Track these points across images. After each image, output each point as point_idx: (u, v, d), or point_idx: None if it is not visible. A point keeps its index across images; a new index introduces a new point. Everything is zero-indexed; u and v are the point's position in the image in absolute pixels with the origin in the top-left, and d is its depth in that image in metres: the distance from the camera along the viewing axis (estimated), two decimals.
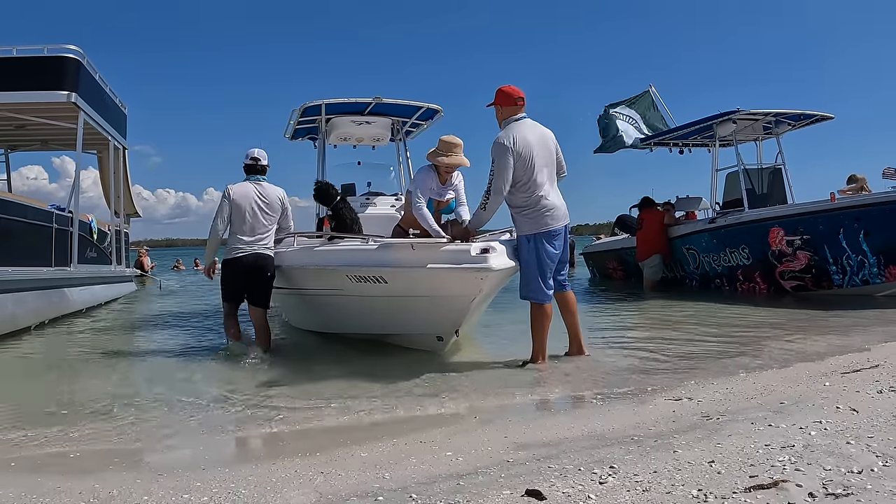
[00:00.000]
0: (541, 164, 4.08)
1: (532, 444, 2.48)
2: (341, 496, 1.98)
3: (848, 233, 7.02)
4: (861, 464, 1.89)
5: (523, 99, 4.20)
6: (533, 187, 4.05)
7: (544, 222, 4.07)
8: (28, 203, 7.24)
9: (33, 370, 4.84)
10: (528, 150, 4.02)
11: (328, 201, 5.64)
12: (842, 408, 2.59)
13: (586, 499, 1.76)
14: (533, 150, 4.04)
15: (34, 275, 6.84)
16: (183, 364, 4.83)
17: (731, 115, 8.57)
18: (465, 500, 1.82)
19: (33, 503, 2.04)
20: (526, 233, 4.12)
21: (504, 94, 4.20)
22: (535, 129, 4.17)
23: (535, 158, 4.04)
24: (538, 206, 4.06)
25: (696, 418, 2.70)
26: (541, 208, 4.06)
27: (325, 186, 5.71)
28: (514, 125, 4.12)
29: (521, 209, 4.11)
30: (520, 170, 4.02)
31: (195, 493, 2.08)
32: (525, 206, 4.09)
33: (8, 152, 11.35)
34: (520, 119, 4.16)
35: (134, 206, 12.83)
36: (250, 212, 4.88)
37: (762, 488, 1.74)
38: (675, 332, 5.53)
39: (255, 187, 4.96)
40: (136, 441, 3.02)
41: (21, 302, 6.37)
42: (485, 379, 3.93)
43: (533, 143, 4.06)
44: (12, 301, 6.17)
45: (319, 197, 5.73)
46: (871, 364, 3.59)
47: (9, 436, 2.99)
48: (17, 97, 7.87)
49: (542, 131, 4.21)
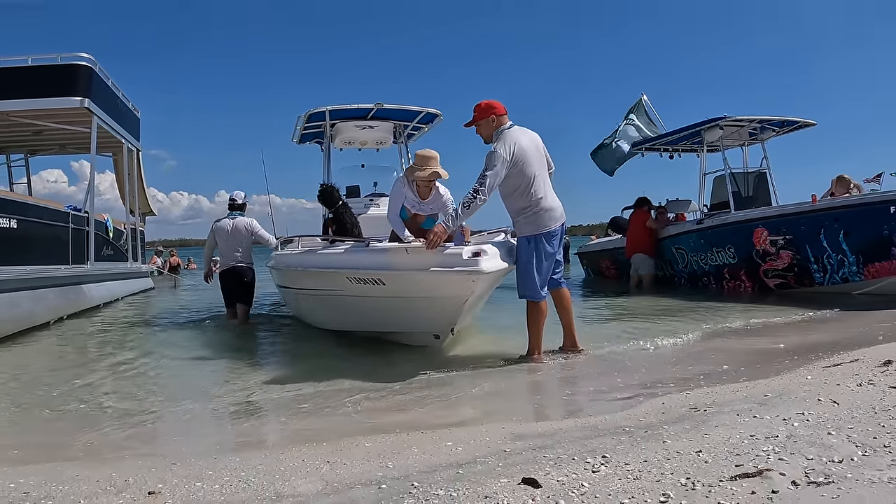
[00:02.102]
0: (536, 167, 4.09)
1: (528, 435, 2.48)
2: (346, 484, 1.99)
3: (828, 233, 7.03)
4: (841, 453, 1.89)
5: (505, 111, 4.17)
6: (532, 190, 4.06)
7: (544, 223, 4.09)
8: (45, 204, 7.24)
9: (52, 364, 4.84)
10: (524, 156, 4.02)
11: (330, 204, 5.76)
12: (823, 400, 2.60)
13: (580, 487, 1.77)
14: (528, 154, 4.04)
15: (51, 272, 6.85)
16: (194, 357, 4.85)
17: (719, 121, 8.58)
18: (465, 487, 1.83)
19: (53, 490, 2.05)
20: (526, 234, 4.13)
21: (489, 108, 4.14)
22: (525, 133, 4.17)
23: (531, 163, 4.05)
24: (538, 207, 4.07)
25: (685, 410, 2.71)
26: (540, 210, 4.08)
27: (328, 189, 5.86)
28: (507, 133, 4.08)
29: (522, 212, 4.11)
30: (517, 176, 4.02)
31: (207, 481, 2.08)
32: (526, 208, 4.09)
33: (28, 157, 11.36)
34: (509, 127, 4.14)
35: (149, 205, 12.85)
36: (226, 239, 6.46)
37: (747, 477, 1.74)
38: (664, 328, 5.54)
39: (230, 221, 6.50)
40: (151, 431, 3.03)
41: (39, 298, 6.37)
42: (483, 373, 3.94)
43: (527, 148, 4.06)
44: (30, 298, 6.17)
45: (323, 199, 5.88)
46: (852, 359, 3.60)
47: (28, 427, 3.00)
48: (33, 104, 7.89)
49: (531, 135, 4.21)
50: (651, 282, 9.49)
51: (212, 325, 6.75)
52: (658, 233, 9.59)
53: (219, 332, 6.31)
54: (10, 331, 5.68)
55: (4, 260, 5.84)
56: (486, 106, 4.16)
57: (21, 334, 5.92)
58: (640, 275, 9.59)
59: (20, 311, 5.92)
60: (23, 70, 7.88)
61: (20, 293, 5.95)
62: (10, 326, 5.71)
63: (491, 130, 4.14)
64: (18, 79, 7.79)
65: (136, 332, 6.62)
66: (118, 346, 5.56)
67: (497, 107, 4.16)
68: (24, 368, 4.60)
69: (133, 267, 10.88)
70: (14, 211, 6.11)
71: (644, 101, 11.65)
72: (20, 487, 2.07)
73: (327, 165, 7.67)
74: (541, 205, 4.07)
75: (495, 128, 4.14)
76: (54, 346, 5.53)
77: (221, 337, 6.08)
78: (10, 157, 11.12)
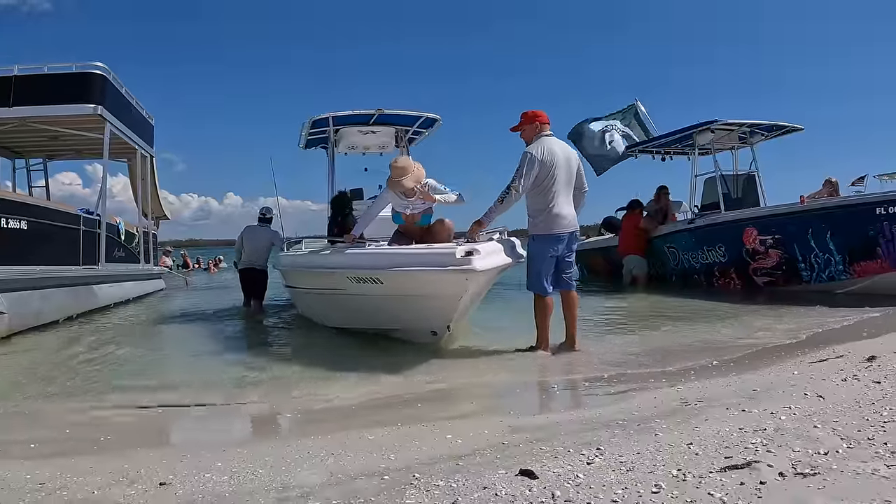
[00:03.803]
0: (560, 176, 4.24)
1: (526, 428, 2.48)
2: (350, 475, 1.99)
3: (816, 233, 7.03)
4: (827, 446, 1.89)
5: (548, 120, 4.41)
6: (548, 194, 4.22)
7: (552, 227, 4.25)
8: (56, 207, 7.25)
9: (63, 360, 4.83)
10: (552, 161, 4.21)
11: (339, 211, 6.07)
12: (809, 394, 2.60)
13: (575, 478, 1.77)
14: (556, 162, 4.23)
15: (61, 272, 6.84)
16: (201, 352, 4.85)
17: (710, 125, 8.58)
18: (464, 478, 1.83)
19: (68, 481, 2.05)
20: (535, 233, 4.32)
21: (533, 116, 4.42)
22: (561, 146, 4.39)
23: (556, 170, 4.22)
24: (550, 212, 4.23)
25: (676, 404, 2.71)
26: (553, 214, 4.24)
27: (342, 197, 6.27)
28: (544, 139, 4.31)
29: (538, 213, 4.29)
30: (541, 178, 4.20)
31: (216, 472, 2.08)
32: (539, 209, 4.26)
33: (46, 161, 11.38)
34: (548, 135, 4.38)
35: (163, 210, 12.82)
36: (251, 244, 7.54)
37: (736, 468, 1.74)
38: (656, 324, 5.54)
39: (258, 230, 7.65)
40: (161, 425, 3.03)
41: (47, 298, 6.36)
42: (482, 368, 3.95)
43: (558, 157, 4.25)
44: (39, 297, 6.17)
45: (335, 203, 6.30)
46: (836, 354, 3.60)
47: (42, 421, 3.00)
48: (48, 110, 7.90)
49: (568, 151, 4.42)
50: (645, 280, 9.49)
51: (219, 323, 6.75)
52: (650, 233, 9.59)
53: (226, 329, 6.31)
54: (18, 328, 5.67)
55: (16, 260, 5.84)
56: (532, 114, 4.42)
57: (31, 331, 5.91)
58: (633, 274, 9.59)
59: (30, 310, 5.92)
60: (39, 78, 7.89)
61: (30, 292, 5.95)
62: (19, 323, 5.70)
63: (532, 135, 4.36)
64: (35, 86, 7.80)
65: (144, 330, 6.63)
66: (127, 342, 5.55)
67: (541, 115, 4.42)
68: (35, 365, 4.59)
69: (145, 268, 10.87)
70: (26, 213, 6.12)
71: (637, 106, 11.63)
72: (35, 479, 2.07)
73: (332, 169, 7.70)
74: (554, 210, 4.24)
75: (536, 133, 4.36)
76: (64, 343, 5.52)
77: (228, 333, 6.08)
78: (29, 161, 11.13)
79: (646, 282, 9.42)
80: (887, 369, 2.97)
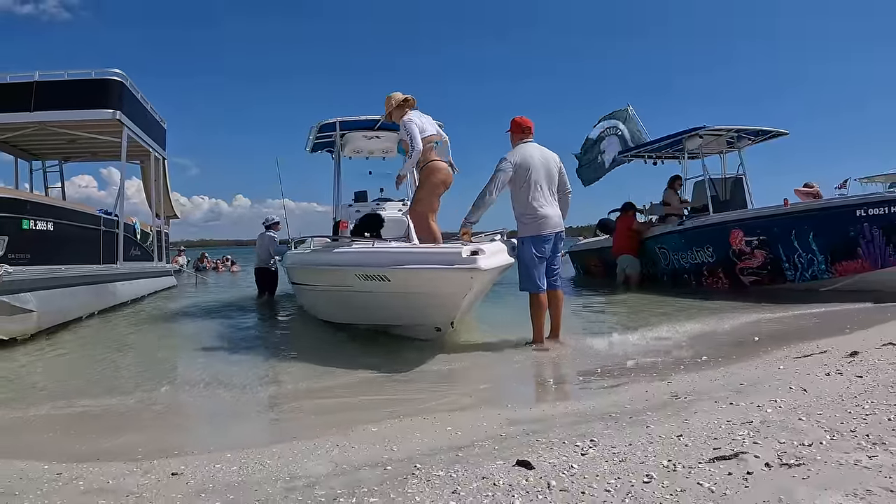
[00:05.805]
0: (539, 179, 4.31)
1: (523, 420, 2.48)
2: (354, 466, 1.99)
3: (799, 234, 7.02)
4: (811, 437, 1.89)
5: (531, 128, 4.56)
6: (530, 198, 4.29)
7: (537, 228, 4.30)
8: (79, 209, 7.24)
9: (83, 356, 4.84)
10: (527, 166, 4.28)
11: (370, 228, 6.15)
12: (794, 388, 2.59)
13: (570, 468, 1.77)
14: (533, 165, 4.29)
15: (85, 271, 6.84)
16: (211, 347, 4.84)
17: (698, 130, 8.56)
18: (464, 469, 1.83)
19: (84, 472, 2.05)
20: (522, 235, 4.39)
21: (515, 124, 4.55)
22: (539, 150, 4.45)
23: (533, 174, 4.29)
24: (534, 214, 4.30)
25: (667, 397, 2.70)
26: (537, 216, 4.30)
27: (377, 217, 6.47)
28: (521, 146, 4.43)
29: (521, 215, 4.37)
30: (519, 183, 4.30)
31: (226, 463, 2.08)
32: (523, 213, 4.34)
33: (62, 163, 11.38)
34: (526, 142, 4.47)
35: (173, 209, 12.84)
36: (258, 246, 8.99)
37: (724, 459, 1.74)
38: (648, 321, 5.52)
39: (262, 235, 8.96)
40: (175, 417, 3.03)
41: (72, 296, 6.36)
42: (481, 363, 3.94)
43: (534, 161, 4.32)
44: (65, 295, 6.17)
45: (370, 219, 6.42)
46: (820, 350, 3.60)
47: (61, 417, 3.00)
48: (68, 115, 7.92)
49: (546, 154, 4.49)
50: (637, 280, 9.48)
51: (228, 319, 6.75)
52: (642, 234, 9.58)
53: (235, 326, 6.30)
54: (46, 325, 5.67)
55: (44, 260, 5.84)
56: (519, 121, 4.55)
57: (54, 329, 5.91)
58: (627, 274, 9.58)
59: (57, 307, 5.92)
60: (60, 84, 7.90)
61: (57, 291, 5.95)
62: (48, 321, 5.70)
63: (516, 141, 4.51)
64: (56, 92, 7.81)
65: (159, 325, 6.62)
66: (143, 339, 5.55)
67: (523, 123, 4.53)
68: (56, 362, 4.59)
69: (158, 266, 10.88)
70: (53, 215, 6.13)
71: (630, 112, 11.61)
72: (53, 469, 2.07)
73: (338, 172, 7.70)
74: (538, 212, 4.30)
75: (519, 140, 4.50)
76: (86, 341, 5.52)
77: (237, 330, 6.05)
78: (45, 163, 11.13)
79: (638, 281, 9.41)
80: (868, 364, 2.97)
